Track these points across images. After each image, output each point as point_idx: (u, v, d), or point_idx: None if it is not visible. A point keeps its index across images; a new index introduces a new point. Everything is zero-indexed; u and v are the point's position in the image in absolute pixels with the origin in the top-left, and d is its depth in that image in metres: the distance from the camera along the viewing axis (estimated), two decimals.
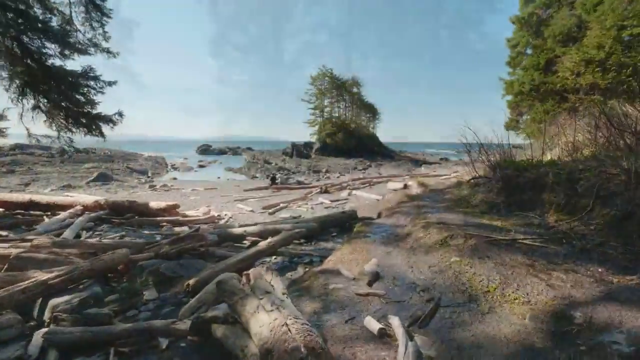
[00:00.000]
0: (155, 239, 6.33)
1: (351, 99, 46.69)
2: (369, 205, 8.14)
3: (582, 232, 3.23)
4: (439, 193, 6.29)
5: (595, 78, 13.82)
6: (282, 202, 9.99)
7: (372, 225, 4.74)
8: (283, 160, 38.77)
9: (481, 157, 5.24)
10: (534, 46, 18.22)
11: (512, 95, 18.50)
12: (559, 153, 5.08)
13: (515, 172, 4.53)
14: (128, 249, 4.48)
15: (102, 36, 9.39)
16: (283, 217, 8.01)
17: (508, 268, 2.76)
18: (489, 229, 3.72)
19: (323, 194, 12.08)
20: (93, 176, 21.67)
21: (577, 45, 15.91)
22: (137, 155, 39.99)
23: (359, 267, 3.47)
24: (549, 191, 4.04)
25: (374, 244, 4.02)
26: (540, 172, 4.26)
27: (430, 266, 3.12)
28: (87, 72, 6.80)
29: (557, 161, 4.47)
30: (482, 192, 5.06)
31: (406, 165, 36.73)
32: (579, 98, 14.29)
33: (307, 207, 9.26)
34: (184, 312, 2.78)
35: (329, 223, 6.16)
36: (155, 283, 3.71)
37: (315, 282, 3.32)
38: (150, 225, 7.87)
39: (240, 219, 8.50)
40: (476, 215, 4.34)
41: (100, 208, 8.78)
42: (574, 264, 2.75)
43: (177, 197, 14.59)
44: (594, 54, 13.93)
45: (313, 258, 4.64)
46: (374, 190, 12.83)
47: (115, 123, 7.27)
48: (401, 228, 4.45)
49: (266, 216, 8.56)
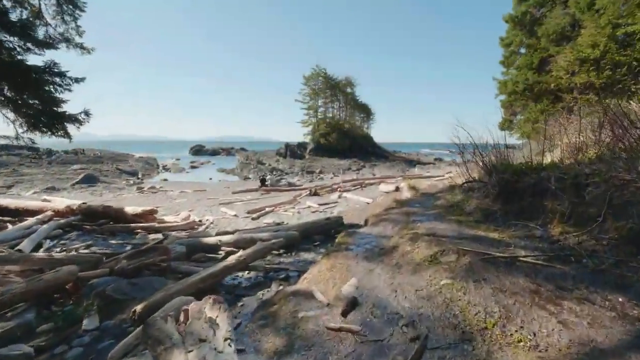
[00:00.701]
0: (124, 249, 5.78)
1: (345, 99, 46.24)
2: (358, 210, 7.65)
3: (593, 248, 2.76)
4: (430, 197, 5.82)
5: (590, 77, 13.49)
6: (268, 206, 9.46)
7: (356, 235, 4.24)
8: (277, 161, 38.18)
9: (475, 159, 4.77)
10: (527, 45, 17.91)
11: (506, 94, 18.16)
12: (560, 154, 4.64)
13: (513, 176, 4.07)
14: (79, 264, 3.94)
15: (75, 30, 8.79)
16: (267, 222, 7.49)
17: (509, 295, 2.28)
18: (485, 243, 3.24)
19: (312, 196, 11.57)
20: (78, 178, 20.91)
21: (571, 44, 15.61)
22: (128, 156, 39.09)
23: (336, 288, 2.97)
24: (551, 198, 3.57)
25: (356, 258, 3.52)
26: (541, 176, 3.80)
27: (417, 290, 2.62)
28: (51, 67, 6.20)
29: (559, 164, 4.02)
30: (476, 198, 4.59)
31: (400, 165, 36.37)
32: (574, 97, 13.96)
33: (293, 212, 8.74)
34: (115, 354, 2.25)
35: (313, 230, 5.66)
36: (101, 308, 3.17)
37: (284, 307, 2.82)
38: (124, 232, 7.29)
39: (222, 225, 7.96)
40: (470, 225, 3.86)
41: (72, 213, 8.18)
42: (587, 291, 2.28)
43: (163, 200, 13.99)
44: (589, 53, 13.61)
45: (290, 273, 4.13)
46: (366, 192, 12.36)
47: (81, 123, 6.68)
48: (387, 239, 3.96)
49: (249, 221, 8.03)
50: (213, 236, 5.77)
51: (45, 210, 8.19)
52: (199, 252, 5.16)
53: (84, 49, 8.88)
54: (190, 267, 4.03)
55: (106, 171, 28.56)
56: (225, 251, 5.14)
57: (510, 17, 18.17)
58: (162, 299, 2.98)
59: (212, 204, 11.64)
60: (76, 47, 8.77)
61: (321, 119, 44.35)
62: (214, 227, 7.85)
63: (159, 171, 34.41)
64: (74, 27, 8.72)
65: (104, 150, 41.03)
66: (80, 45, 8.80)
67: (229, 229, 7.34)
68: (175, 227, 7.52)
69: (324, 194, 12.04)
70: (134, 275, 3.83)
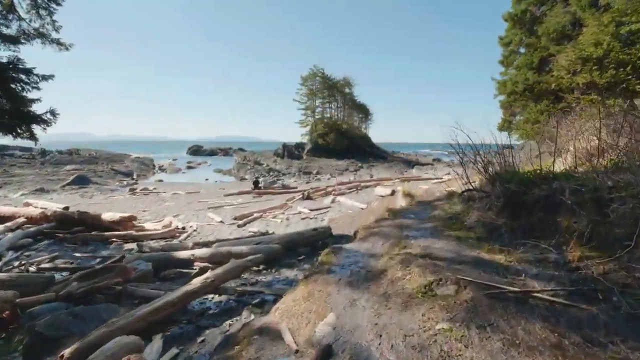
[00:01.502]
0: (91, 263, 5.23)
1: (343, 99, 45.69)
2: (350, 217, 7.12)
3: (624, 282, 2.23)
4: (426, 207, 5.28)
5: (592, 76, 12.95)
6: (256, 211, 8.91)
7: (342, 253, 3.70)
8: (274, 162, 37.63)
9: (477, 166, 4.24)
10: (527, 44, 17.38)
11: (505, 95, 17.63)
12: (572, 161, 4.11)
13: (520, 186, 3.53)
14: (24, 286, 3.39)
15: (52, 25, 8.23)
16: (252, 231, 6.95)
17: (524, 354, 1.74)
18: (490, 269, 2.70)
19: (305, 200, 11.04)
20: (69, 179, 20.33)
21: (572, 43, 15.09)
22: (124, 157, 38.50)
23: (311, 326, 2.43)
24: (566, 214, 3.04)
25: (338, 284, 2.98)
26: (553, 187, 3.27)
27: (406, 335, 2.08)
28: (15, 63, 5.64)
29: (573, 172, 3.49)
30: (478, 209, 4.05)
31: (398, 166, 35.85)
32: (576, 97, 13.42)
33: (282, 218, 8.20)
34: None
35: (298, 242, 5.12)
36: (29, 348, 2.62)
37: (245, 351, 2.28)
38: (98, 241, 6.75)
39: (205, 232, 7.42)
40: (472, 244, 3.32)
41: (47, 220, 7.63)
42: (624, 346, 1.74)
43: (153, 203, 13.45)
44: (591, 52, 13.07)
45: (266, 296, 3.59)
46: (361, 195, 11.82)
47: (48, 123, 6.12)
48: (376, 259, 3.42)
49: (234, 229, 7.49)
50: (189, 248, 5.23)
51: (17, 216, 7.64)
52: (171, 267, 4.62)
53: (61, 45, 8.33)
54: (149, 291, 3.49)
55: (101, 172, 28.00)
56: (199, 267, 4.59)
57: (510, 16, 17.64)
58: (99, 338, 2.44)
59: (201, 207, 11.10)
60: (52, 43, 8.22)
61: (319, 119, 43.80)
62: (197, 234, 7.31)
63: (154, 172, 33.83)
64: (50, 22, 8.17)
65: (100, 150, 40.43)
66: (57, 41, 8.25)
67: (211, 238, 6.80)
68: (154, 235, 6.98)
69: (317, 198, 11.50)
70: (82, 302, 3.28)
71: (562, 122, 6.26)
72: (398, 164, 37.62)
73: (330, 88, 43.78)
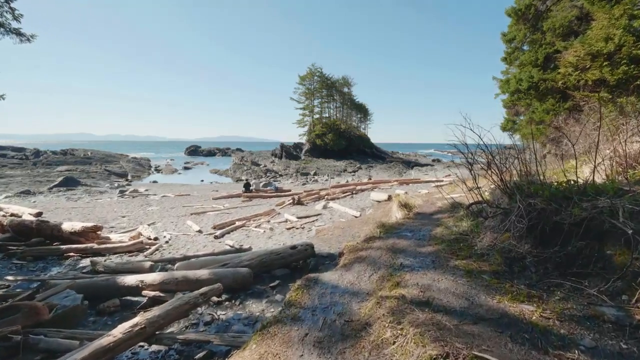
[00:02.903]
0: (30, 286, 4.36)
1: (342, 99, 44.76)
2: (340, 228, 6.23)
3: None
4: (426, 222, 4.38)
5: (603, 73, 12.04)
6: (239, 219, 8.03)
7: (317, 289, 2.82)
8: (272, 162, 36.77)
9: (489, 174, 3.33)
10: (531, 41, 16.45)
11: (509, 93, 16.70)
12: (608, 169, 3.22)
13: (549, 202, 2.65)
14: None
15: (11, 14, 7.37)
16: (228, 244, 6.07)
17: None
18: (520, 333, 1.82)
19: (296, 205, 10.15)
20: (57, 181, 19.47)
21: (579, 38, 14.16)
22: (121, 157, 37.63)
23: None
24: (622, 246, 2.15)
25: (302, 345, 2.10)
26: (597, 206, 2.38)
27: None
28: None
29: (623, 186, 2.60)
30: (492, 229, 3.16)
31: (397, 167, 34.94)
32: (585, 95, 12.50)
33: (265, 228, 7.31)
34: None
35: (273, 264, 4.24)
36: None
37: None
38: (54, 255, 5.88)
39: (178, 245, 6.55)
40: (488, 283, 2.44)
41: (2, 230, 6.76)
42: None
43: (137, 207, 12.59)
44: (601, 47, 12.15)
45: (214, 348, 2.71)
46: (356, 200, 10.92)
47: None
48: (359, 301, 2.54)
49: (210, 240, 6.62)
50: (145, 269, 4.35)
51: None
52: (113, 297, 3.74)
53: (21, 36, 7.46)
54: (59, 342, 2.61)
55: (94, 172, 27.18)
56: (149, 297, 3.71)
57: (513, 11, 16.70)
58: None
59: (184, 213, 10.24)
60: (11, 34, 7.36)
61: (317, 119, 42.88)
62: (168, 246, 6.44)
63: (150, 172, 32.99)
64: (9, 10, 7.31)
65: (96, 150, 39.58)
66: (17, 31, 7.39)
67: (181, 252, 5.94)
68: (118, 249, 6.11)
69: (308, 202, 10.60)
70: None
71: (586, 120, 5.36)
72: (397, 164, 36.73)
73: (329, 87, 42.84)
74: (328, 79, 42.06)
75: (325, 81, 41.94)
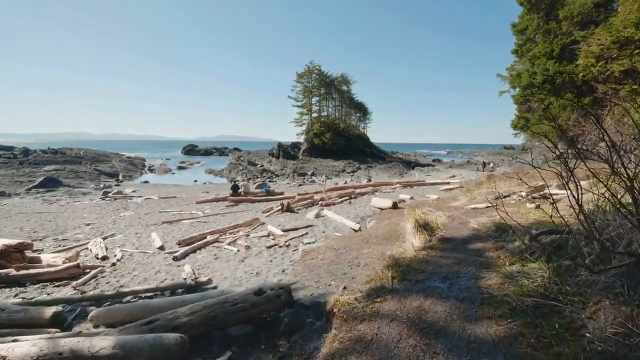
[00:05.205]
0: None
1: (341, 98, 43.14)
2: (334, 249, 4.69)
3: None
4: (462, 255, 2.80)
5: (633, 62, 10.50)
6: (211, 232, 6.51)
7: None
8: (269, 162, 35.22)
9: (596, 181, 1.77)
10: (545, 31, 14.87)
11: (520, 88, 15.13)
12: None
13: None
14: None
15: None
16: (186, 271, 4.53)
17: None
18: None
19: (285, 212, 8.62)
20: (37, 181, 17.91)
21: (602, 26, 12.61)
22: (115, 156, 36.04)
23: None
24: None
25: None
26: None
27: None
28: None
29: None
30: (609, 295, 1.64)
31: (397, 167, 33.41)
32: (612, 87, 10.95)
33: (241, 245, 5.78)
34: None
35: (226, 319, 2.70)
36: None
37: None
38: None
39: (127, 268, 5.03)
40: None
41: None
42: None
43: (111, 213, 11.03)
44: (632, 33, 10.62)
45: None
46: (354, 207, 9.38)
47: None
48: None
49: (169, 262, 5.10)
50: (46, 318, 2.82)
51: None
52: None
53: None
54: None
55: (83, 172, 25.62)
56: None
57: None
58: None
59: (157, 220, 8.72)
60: None
61: (315, 117, 41.26)
62: (113, 271, 4.93)
63: (143, 172, 31.42)
64: None
65: (90, 149, 37.97)
66: None
67: (123, 280, 4.44)
68: (43, 275, 4.59)
69: (300, 209, 9.07)
70: None
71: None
72: (397, 165, 35.18)
73: (327, 85, 41.21)
74: (327, 76, 40.40)
75: (324, 79, 40.28)
